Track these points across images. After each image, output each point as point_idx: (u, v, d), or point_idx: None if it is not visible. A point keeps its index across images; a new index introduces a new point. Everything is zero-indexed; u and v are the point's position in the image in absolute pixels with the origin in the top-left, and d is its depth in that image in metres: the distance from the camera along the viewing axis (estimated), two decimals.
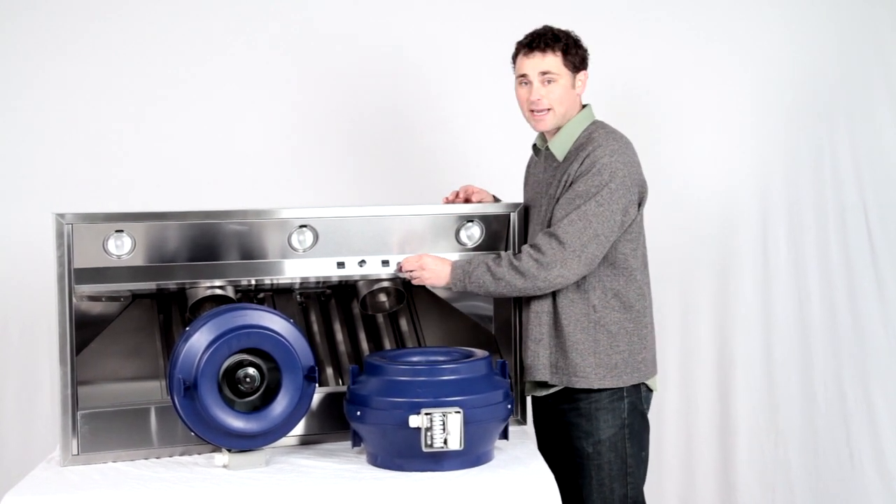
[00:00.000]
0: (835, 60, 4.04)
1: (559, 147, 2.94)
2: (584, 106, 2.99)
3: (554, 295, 2.89)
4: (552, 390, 2.94)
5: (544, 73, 2.88)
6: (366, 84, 3.98)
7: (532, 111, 2.91)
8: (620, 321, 2.89)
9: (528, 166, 3.14)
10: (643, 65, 4.03)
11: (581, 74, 2.93)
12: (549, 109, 2.90)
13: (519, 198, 3.14)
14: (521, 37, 2.95)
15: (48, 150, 3.80)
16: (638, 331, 2.91)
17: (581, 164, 2.84)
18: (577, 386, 2.87)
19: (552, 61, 2.88)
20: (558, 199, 2.87)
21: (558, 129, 2.94)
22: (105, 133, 3.84)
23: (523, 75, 2.91)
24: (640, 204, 2.92)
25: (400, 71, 3.99)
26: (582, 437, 2.90)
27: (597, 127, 2.94)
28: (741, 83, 4.05)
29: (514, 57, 2.96)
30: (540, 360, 2.91)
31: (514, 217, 3.02)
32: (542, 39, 2.88)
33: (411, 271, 2.92)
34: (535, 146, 3.07)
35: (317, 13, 3.97)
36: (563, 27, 2.94)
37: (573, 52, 2.90)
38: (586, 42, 2.95)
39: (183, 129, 3.89)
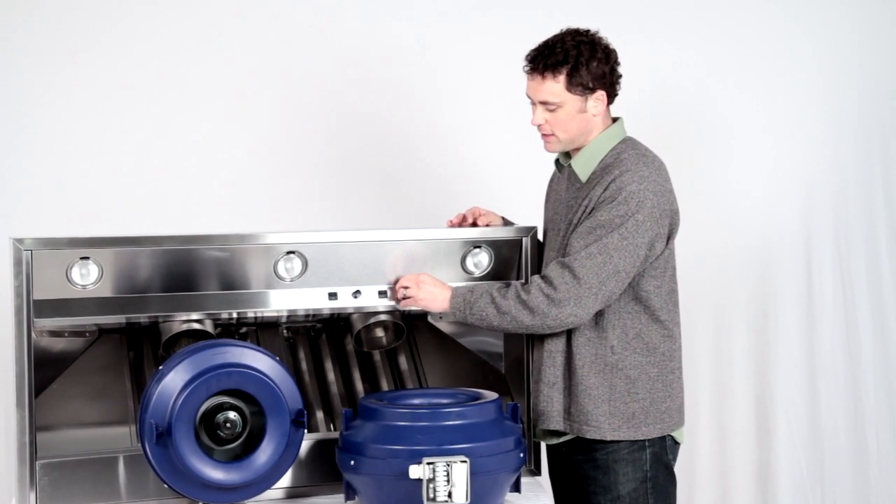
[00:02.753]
0: (889, 72, 4.07)
1: (582, 167, 2.90)
2: (614, 120, 2.94)
3: (569, 333, 2.86)
4: (563, 438, 2.91)
5: (543, 102, 2.84)
6: (361, 93, 4.01)
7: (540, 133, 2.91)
8: (642, 365, 2.85)
9: (551, 182, 3.11)
10: (677, 71, 4.08)
11: (597, 94, 2.85)
12: (552, 135, 2.87)
13: (535, 220, 3.12)
14: (538, 37, 2.88)
15: (6, 168, 3.81)
16: (662, 377, 2.87)
17: (605, 188, 2.81)
18: (588, 436, 2.84)
19: (552, 89, 2.82)
20: (577, 226, 2.84)
21: (581, 146, 2.91)
22: (69, 150, 3.84)
23: (528, 95, 2.89)
24: (670, 237, 2.88)
25: (398, 75, 4.02)
26: (599, 493, 2.87)
27: (626, 147, 2.89)
28: (784, 95, 4.09)
29: None
30: (554, 407, 2.88)
31: (526, 242, 3.01)
32: (544, 60, 2.81)
33: (406, 288, 2.88)
34: (557, 161, 3.03)
35: (305, 18, 3.99)
36: (591, 26, 2.89)
37: (583, 71, 2.81)
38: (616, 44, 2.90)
39: (157, 147, 3.89)
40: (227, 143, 3.94)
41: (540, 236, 3.06)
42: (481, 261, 2.99)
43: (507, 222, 3.12)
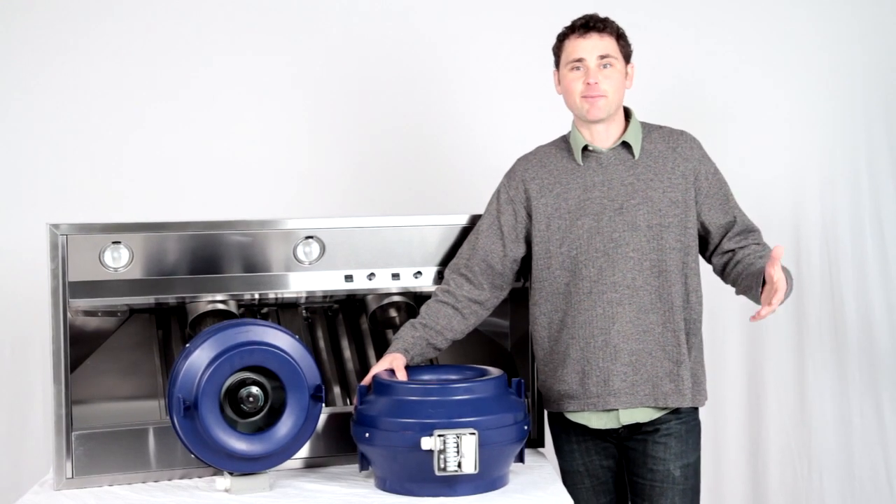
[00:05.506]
0: (876, 64, 4.05)
1: (636, 139, 2.86)
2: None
3: (671, 307, 2.81)
4: (643, 419, 2.85)
5: (603, 57, 2.80)
6: (379, 85, 4.00)
7: (585, 97, 2.81)
8: (701, 333, 2.92)
9: (559, 173, 2.89)
10: (671, 62, 4.04)
11: (629, 67, 2.88)
12: (604, 96, 2.80)
13: None
14: (557, 29, 2.89)
15: (43, 158, 3.81)
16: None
17: (690, 148, 2.87)
18: (689, 405, 2.84)
19: (610, 44, 2.81)
20: (678, 196, 2.83)
21: (607, 121, 2.84)
22: (102, 140, 3.84)
23: (578, 59, 2.80)
24: None
25: (417, 69, 4.00)
26: (670, 460, 2.84)
27: (647, 123, 2.93)
28: (775, 86, 4.06)
29: (560, 43, 2.87)
30: (685, 384, 2.82)
31: None
32: (598, 21, 2.82)
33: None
34: (583, 149, 2.87)
35: (324, 9, 3.97)
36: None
37: (624, 40, 2.86)
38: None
39: (183, 137, 3.89)
40: (250, 133, 3.93)
41: (541, 228, 2.88)
42: None
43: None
